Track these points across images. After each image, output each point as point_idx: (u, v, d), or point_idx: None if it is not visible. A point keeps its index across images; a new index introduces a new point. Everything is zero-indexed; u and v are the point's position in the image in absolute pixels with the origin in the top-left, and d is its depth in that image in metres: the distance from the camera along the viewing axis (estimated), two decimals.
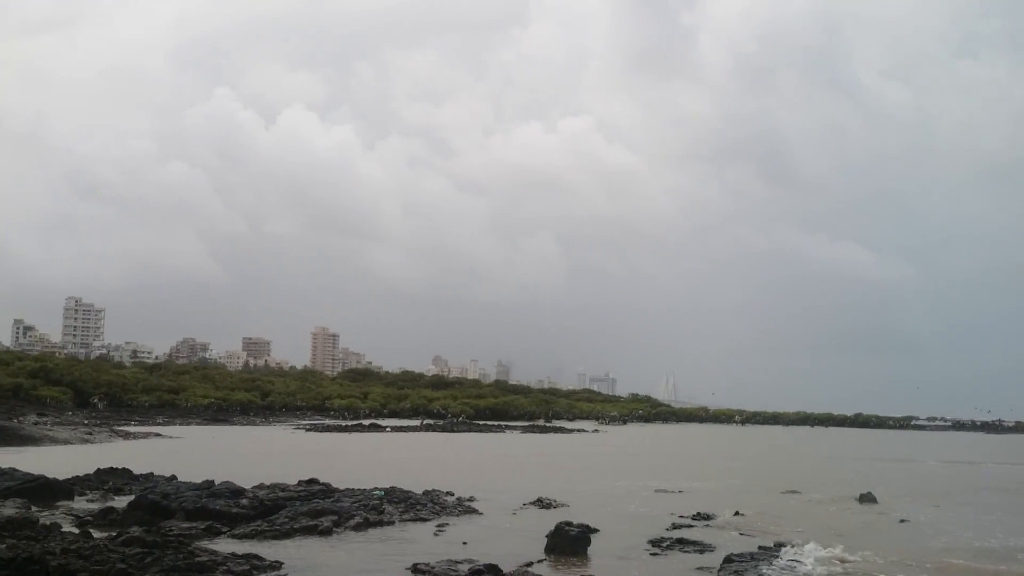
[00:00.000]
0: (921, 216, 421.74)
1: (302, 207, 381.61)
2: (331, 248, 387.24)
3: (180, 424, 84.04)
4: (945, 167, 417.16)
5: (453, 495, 28.16)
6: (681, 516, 25.74)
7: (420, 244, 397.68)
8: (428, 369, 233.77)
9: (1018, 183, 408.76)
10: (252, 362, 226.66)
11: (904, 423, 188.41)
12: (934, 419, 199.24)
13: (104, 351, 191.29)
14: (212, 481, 25.32)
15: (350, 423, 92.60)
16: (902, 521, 26.64)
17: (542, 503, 27.42)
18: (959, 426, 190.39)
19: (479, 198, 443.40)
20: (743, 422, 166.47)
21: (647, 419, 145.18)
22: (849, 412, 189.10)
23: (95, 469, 30.58)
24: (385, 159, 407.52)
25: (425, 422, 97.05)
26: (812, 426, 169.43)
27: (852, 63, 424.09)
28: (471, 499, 27.63)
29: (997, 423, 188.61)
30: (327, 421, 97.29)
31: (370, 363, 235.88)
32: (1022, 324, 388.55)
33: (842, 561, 18.88)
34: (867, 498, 32.21)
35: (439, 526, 22.55)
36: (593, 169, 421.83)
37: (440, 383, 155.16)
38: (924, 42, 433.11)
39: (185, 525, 20.34)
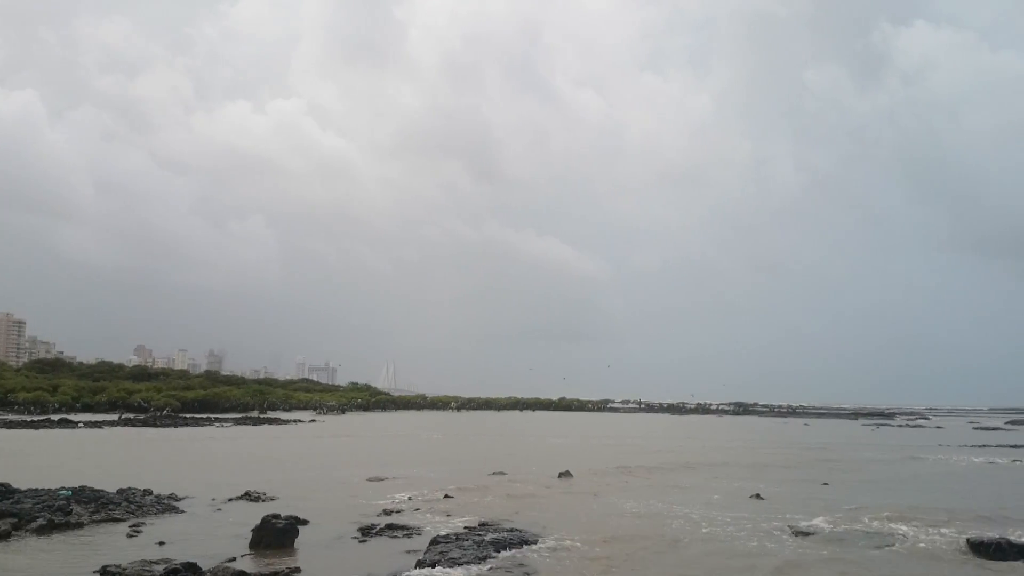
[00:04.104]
0: (613, 215, 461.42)
1: None
2: (12, 225, 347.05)
3: None
4: (633, 171, 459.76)
5: (152, 493, 26.46)
6: (393, 502, 26.19)
7: (118, 224, 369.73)
8: (130, 360, 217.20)
9: (693, 189, 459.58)
10: None
11: (601, 406, 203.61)
12: (627, 402, 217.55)
13: None
14: None
15: (36, 418, 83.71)
16: (594, 495, 28.88)
17: (250, 497, 26.56)
18: (649, 408, 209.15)
19: (183, 177, 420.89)
20: (458, 408, 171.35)
21: (366, 407, 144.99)
22: (554, 396, 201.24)
23: None
24: (75, 131, 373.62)
25: (124, 416, 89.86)
26: (521, 410, 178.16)
27: (551, 69, 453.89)
28: (172, 496, 26.15)
29: (680, 405, 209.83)
30: (9, 416, 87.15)
31: (62, 353, 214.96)
32: (698, 314, 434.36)
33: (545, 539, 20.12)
34: (565, 476, 34.75)
35: (134, 526, 21.04)
36: (306, 154, 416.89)
37: (143, 374, 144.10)
38: (615, 55, 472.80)
39: None
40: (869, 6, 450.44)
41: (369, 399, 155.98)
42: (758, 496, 29.42)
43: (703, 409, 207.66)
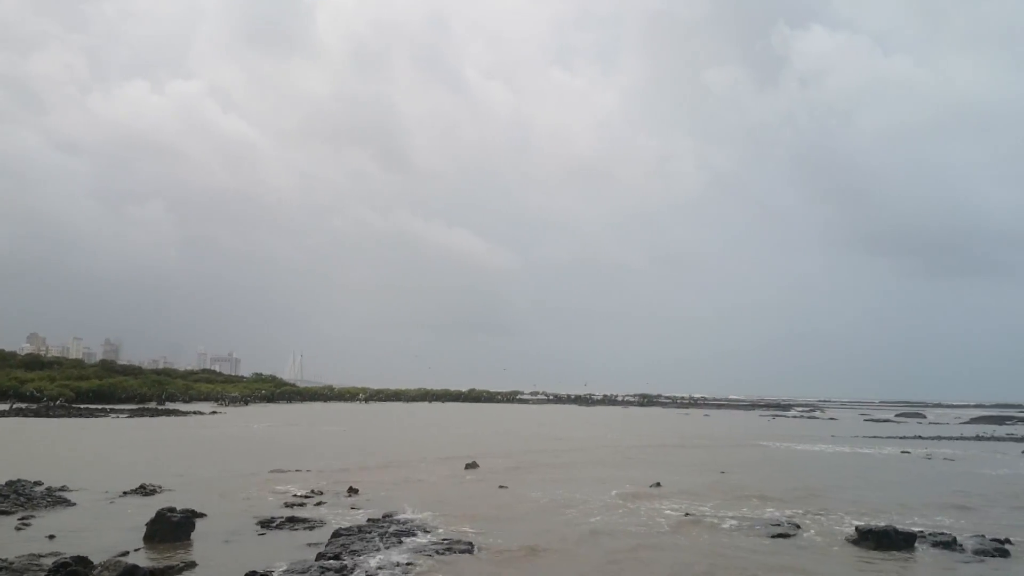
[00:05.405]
0: (523, 208, 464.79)
1: None
2: None
3: None
4: (542, 165, 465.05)
5: (42, 485, 25.63)
6: (296, 495, 25.86)
7: (9, 207, 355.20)
8: (22, 348, 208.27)
9: (600, 183, 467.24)
10: None
11: (511, 397, 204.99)
12: (537, 393, 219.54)
13: None
14: None
15: None
16: (500, 485, 29.16)
17: (145, 490, 25.84)
18: (557, 399, 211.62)
19: (78, 159, 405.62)
20: (367, 399, 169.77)
21: (271, 399, 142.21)
22: (464, 388, 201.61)
23: None
24: None
25: (15, 406, 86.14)
26: (430, 401, 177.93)
27: (460, 60, 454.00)
28: (63, 488, 25.31)
29: (587, 396, 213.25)
30: None
31: None
32: (604, 307, 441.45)
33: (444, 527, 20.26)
34: (472, 466, 34.94)
35: (23, 519, 20.27)
36: (207, 137, 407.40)
37: (36, 363, 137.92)
38: (524, 48, 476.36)
39: None
40: (768, 9, 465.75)
41: (274, 390, 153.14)
42: (658, 484, 30.20)
43: (609, 400, 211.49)
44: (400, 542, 18.27)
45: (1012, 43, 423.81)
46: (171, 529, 18.14)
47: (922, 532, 20.67)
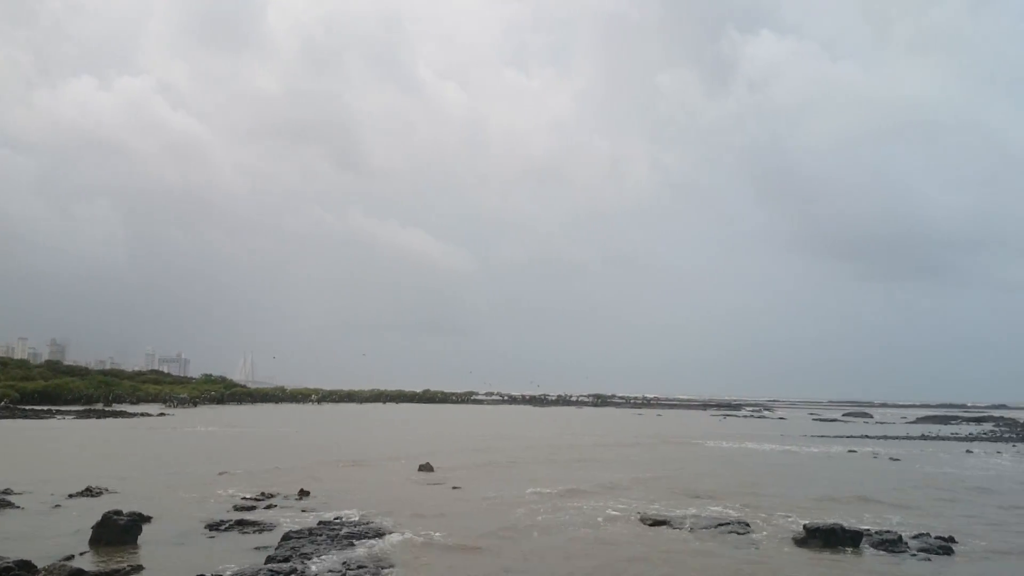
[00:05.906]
0: (478, 208, 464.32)
1: None
2: None
3: None
4: (497, 166, 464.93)
5: None
6: (245, 498, 25.56)
7: None
8: None
9: (554, 185, 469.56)
10: None
11: (465, 398, 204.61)
12: (491, 394, 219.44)
13: None
14: None
15: None
16: (453, 486, 29.17)
17: (91, 492, 25.40)
18: (512, 400, 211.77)
19: (23, 156, 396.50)
20: (320, 400, 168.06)
21: (220, 400, 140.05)
22: (419, 388, 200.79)
23: None
24: None
25: None
26: (384, 402, 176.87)
27: (413, 60, 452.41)
28: (7, 492, 24.75)
29: (542, 397, 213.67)
30: None
31: None
32: (559, 308, 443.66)
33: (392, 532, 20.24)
34: (425, 468, 34.86)
35: None
36: (156, 134, 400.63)
37: None
38: (478, 49, 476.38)
39: None
40: (718, 14, 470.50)
41: (224, 392, 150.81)
42: (609, 483, 30.47)
43: (564, 401, 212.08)
44: (351, 544, 18.18)
45: (956, 51, 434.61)
46: (118, 532, 17.88)
47: (868, 530, 21.11)
